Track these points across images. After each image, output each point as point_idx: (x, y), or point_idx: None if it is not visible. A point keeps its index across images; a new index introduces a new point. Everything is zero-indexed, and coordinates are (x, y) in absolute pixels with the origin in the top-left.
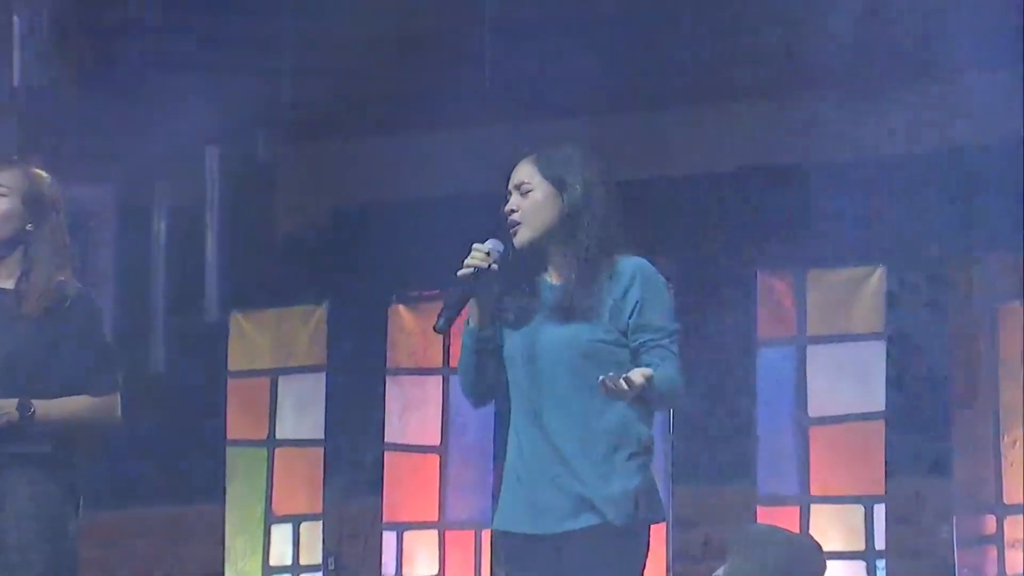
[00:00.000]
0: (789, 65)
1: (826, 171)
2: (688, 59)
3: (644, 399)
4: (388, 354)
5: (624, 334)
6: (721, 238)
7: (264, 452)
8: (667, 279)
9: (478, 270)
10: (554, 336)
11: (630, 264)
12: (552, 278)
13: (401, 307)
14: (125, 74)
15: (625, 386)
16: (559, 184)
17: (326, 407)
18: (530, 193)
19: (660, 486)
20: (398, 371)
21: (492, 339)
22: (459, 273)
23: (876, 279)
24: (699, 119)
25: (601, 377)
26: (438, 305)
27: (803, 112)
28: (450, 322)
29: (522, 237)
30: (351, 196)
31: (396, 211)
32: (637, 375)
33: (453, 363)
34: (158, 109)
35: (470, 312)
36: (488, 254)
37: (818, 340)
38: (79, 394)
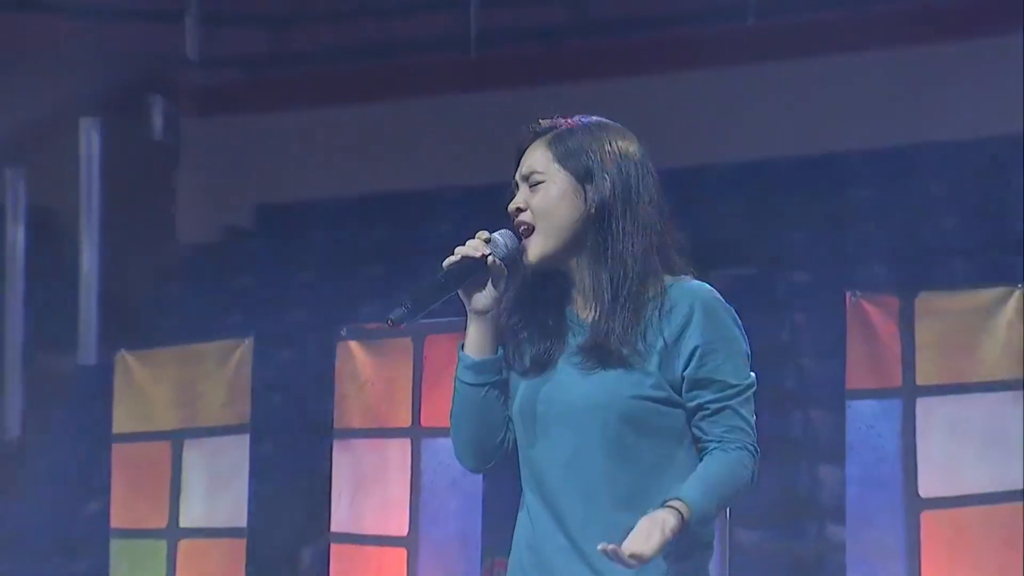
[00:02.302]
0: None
1: (944, 155)
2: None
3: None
4: (335, 409)
5: (678, 390)
6: (798, 246)
7: (163, 545)
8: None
9: (467, 260)
10: (582, 390)
11: (686, 292)
12: (579, 309)
13: (353, 344)
14: None
15: (633, 563)
16: (582, 175)
17: (250, 483)
18: (542, 186)
19: None
20: (349, 433)
21: (495, 371)
22: (445, 261)
23: (1013, 306)
24: (765, 84)
25: (600, 546)
26: (403, 342)
27: (912, 80)
28: (409, 315)
29: (536, 250)
30: (284, 189)
31: (346, 210)
32: (647, 550)
33: (425, 421)
34: (13, 64)
35: (466, 335)
36: (487, 242)
37: (932, 391)
38: None
